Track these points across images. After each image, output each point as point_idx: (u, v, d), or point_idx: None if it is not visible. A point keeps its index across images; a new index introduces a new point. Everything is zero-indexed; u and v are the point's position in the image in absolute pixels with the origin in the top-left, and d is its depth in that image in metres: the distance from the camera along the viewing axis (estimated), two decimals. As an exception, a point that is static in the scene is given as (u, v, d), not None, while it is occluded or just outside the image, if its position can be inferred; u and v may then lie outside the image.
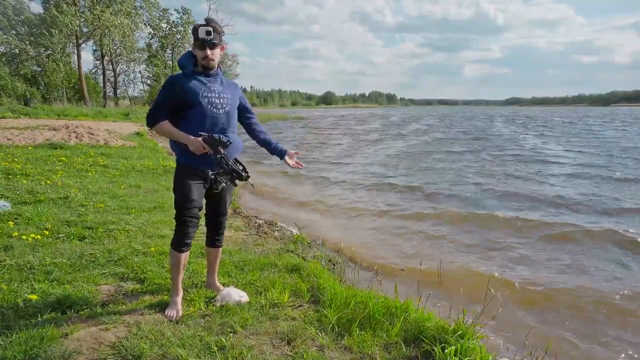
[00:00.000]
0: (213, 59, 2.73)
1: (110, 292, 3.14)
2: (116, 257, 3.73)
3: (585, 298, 4.08)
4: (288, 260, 3.98)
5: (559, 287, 4.31)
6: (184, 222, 2.72)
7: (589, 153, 15.38)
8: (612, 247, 5.46)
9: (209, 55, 2.70)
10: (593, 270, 4.75)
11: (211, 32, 2.64)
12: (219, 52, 2.77)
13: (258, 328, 2.71)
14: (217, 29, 2.70)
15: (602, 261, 5.02)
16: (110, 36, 34.61)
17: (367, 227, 6.35)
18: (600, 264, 4.92)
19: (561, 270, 4.75)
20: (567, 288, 4.29)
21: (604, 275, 4.62)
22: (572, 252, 5.31)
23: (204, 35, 2.64)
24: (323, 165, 12.94)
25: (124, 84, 45.77)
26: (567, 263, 4.95)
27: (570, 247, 5.46)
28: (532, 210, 7.25)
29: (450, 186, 9.46)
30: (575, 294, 4.16)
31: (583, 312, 3.86)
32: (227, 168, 2.56)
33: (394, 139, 22.69)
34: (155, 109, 2.71)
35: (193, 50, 2.75)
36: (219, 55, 2.79)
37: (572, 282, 4.40)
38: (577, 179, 10.25)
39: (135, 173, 8.14)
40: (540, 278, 4.49)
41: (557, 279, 4.50)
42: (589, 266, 4.86)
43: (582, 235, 5.86)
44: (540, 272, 4.69)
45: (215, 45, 2.71)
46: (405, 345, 2.59)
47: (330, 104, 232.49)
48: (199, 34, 2.63)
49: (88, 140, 11.90)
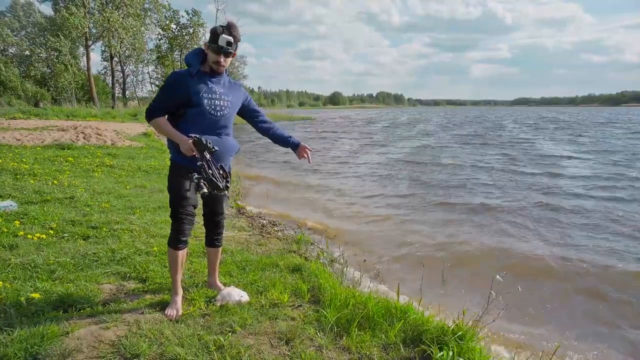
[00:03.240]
0: (224, 66, 2.75)
1: (112, 291, 3.17)
2: (119, 257, 3.76)
3: (594, 300, 4.05)
4: (290, 260, 3.98)
5: (566, 287, 4.27)
6: (179, 219, 2.73)
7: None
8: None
9: (222, 62, 2.71)
10: (601, 271, 4.69)
11: (232, 43, 2.65)
12: (230, 60, 2.78)
13: (257, 328, 2.71)
14: (237, 38, 2.70)
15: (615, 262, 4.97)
16: (120, 38, 34.91)
17: (372, 229, 6.33)
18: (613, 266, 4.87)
19: (565, 271, 4.70)
20: (573, 288, 4.26)
21: (614, 276, 4.57)
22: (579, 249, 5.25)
23: (224, 45, 2.63)
24: (330, 167, 12.93)
25: (132, 85, 46.25)
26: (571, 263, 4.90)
27: (577, 245, 5.40)
28: (542, 216, 7.16)
29: (459, 190, 9.40)
30: (584, 293, 4.13)
31: (593, 312, 3.82)
32: (206, 176, 2.52)
33: (405, 140, 22.62)
34: (155, 103, 2.71)
35: (205, 49, 2.74)
36: (229, 63, 2.81)
37: (580, 283, 4.36)
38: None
39: (141, 173, 8.21)
40: (547, 280, 4.45)
41: (564, 279, 4.46)
42: (597, 267, 4.80)
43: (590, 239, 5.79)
44: (546, 273, 4.65)
45: (230, 55, 2.72)
46: (404, 347, 2.58)
47: (338, 104, 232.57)
48: (220, 41, 2.62)
49: (95, 140, 12.01)
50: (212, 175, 2.55)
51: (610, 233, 6.08)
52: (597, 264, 4.88)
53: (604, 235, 5.98)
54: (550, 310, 3.90)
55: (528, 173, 11.28)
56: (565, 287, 4.35)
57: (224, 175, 2.69)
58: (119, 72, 42.93)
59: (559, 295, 4.19)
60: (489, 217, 6.85)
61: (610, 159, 14.00)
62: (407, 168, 12.20)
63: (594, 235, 5.95)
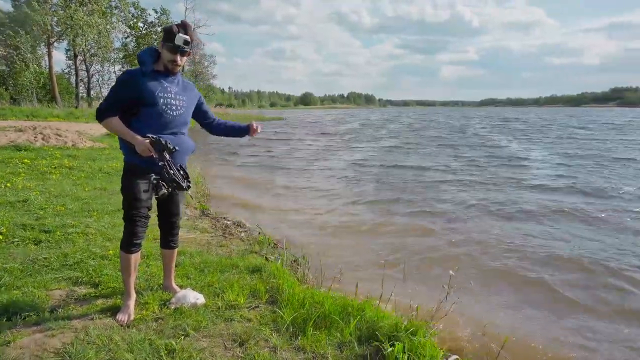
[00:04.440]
0: (180, 65, 2.71)
1: (62, 297, 3.05)
2: (72, 261, 3.63)
3: (545, 291, 4.20)
4: (250, 261, 3.94)
5: (517, 281, 4.41)
6: (132, 222, 2.67)
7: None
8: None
9: (179, 61, 2.67)
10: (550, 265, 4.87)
11: (189, 42, 2.60)
12: (185, 59, 2.74)
13: (212, 330, 2.67)
14: (193, 37, 2.66)
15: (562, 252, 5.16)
16: (85, 36, 33.76)
17: (336, 230, 6.33)
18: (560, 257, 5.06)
19: (516, 265, 4.85)
20: (523, 281, 4.40)
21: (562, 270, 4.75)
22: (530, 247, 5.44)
23: (181, 43, 2.59)
24: (296, 166, 12.91)
25: (98, 84, 44.85)
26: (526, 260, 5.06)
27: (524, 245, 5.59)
28: (497, 215, 7.35)
29: (425, 191, 9.56)
30: (534, 285, 4.27)
31: (541, 306, 3.95)
32: (168, 176, 2.49)
33: (372, 141, 22.83)
34: (106, 103, 2.62)
35: (160, 49, 2.68)
36: (184, 62, 2.76)
37: (530, 276, 4.51)
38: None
39: (102, 175, 7.97)
40: (497, 279, 4.58)
41: (515, 273, 4.60)
42: (545, 261, 4.98)
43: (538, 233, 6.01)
44: (497, 273, 4.78)
45: (186, 54, 2.68)
46: (359, 344, 2.60)
47: (309, 104, 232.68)
48: (177, 40, 2.57)
49: (55, 141, 11.58)
50: (174, 175, 2.51)
51: (555, 222, 6.42)
52: (544, 255, 5.11)
53: (554, 225, 6.24)
54: (502, 304, 4.01)
55: (487, 170, 11.60)
56: (517, 281, 4.49)
57: (185, 176, 2.65)
58: (84, 71, 41.52)
59: (512, 290, 4.31)
60: (452, 216, 6.99)
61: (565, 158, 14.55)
62: (373, 169, 12.26)
63: (544, 227, 6.18)
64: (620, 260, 4.95)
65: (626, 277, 4.53)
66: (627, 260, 4.96)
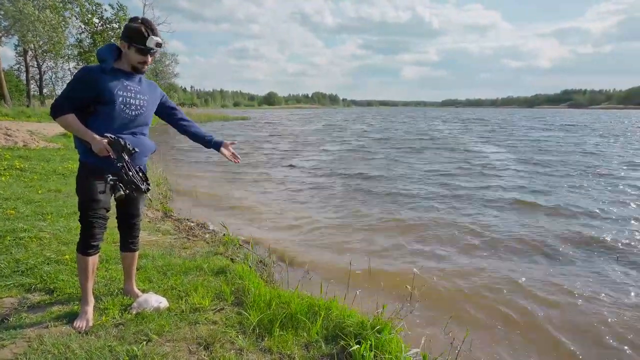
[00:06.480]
0: (148, 64, 2.63)
1: (14, 305, 2.89)
2: (24, 267, 3.45)
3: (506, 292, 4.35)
4: (215, 262, 3.88)
5: (475, 283, 4.55)
6: (89, 223, 2.56)
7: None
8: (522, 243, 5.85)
9: (149, 62, 2.61)
10: (510, 264, 5.06)
11: (161, 44, 2.54)
12: (152, 59, 2.66)
13: (175, 334, 2.61)
14: (161, 38, 2.59)
15: (519, 254, 5.37)
16: (36, 31, 32.10)
17: (300, 229, 6.33)
18: (517, 257, 5.27)
19: (479, 267, 5.02)
20: (483, 283, 4.55)
21: (523, 270, 4.94)
22: (492, 248, 5.63)
23: (154, 46, 2.51)
24: (261, 167, 12.81)
25: (51, 82, 42.84)
26: (486, 261, 5.24)
27: (487, 246, 5.79)
28: (462, 212, 7.60)
29: (387, 187, 9.70)
30: (491, 286, 4.42)
31: (500, 304, 4.10)
32: (126, 178, 2.41)
33: (335, 141, 22.96)
34: (62, 99, 2.49)
35: (124, 48, 2.57)
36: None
37: (490, 278, 4.67)
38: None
39: (56, 176, 7.61)
40: (459, 274, 4.71)
41: (475, 275, 4.75)
42: (506, 259, 5.18)
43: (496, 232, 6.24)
44: (460, 269, 4.92)
45: (154, 54, 2.60)
46: (326, 343, 2.61)
47: (273, 104, 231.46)
48: (149, 42, 2.49)
49: (4, 142, 10.95)
50: (133, 177, 2.42)
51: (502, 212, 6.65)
52: (514, 258, 5.28)
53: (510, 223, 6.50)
54: (463, 303, 4.12)
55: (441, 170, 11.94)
56: (476, 282, 4.62)
57: (144, 178, 2.57)
58: (35, 68, 39.54)
59: (474, 289, 4.44)
60: (415, 216, 7.14)
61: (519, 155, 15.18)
62: (338, 171, 12.30)
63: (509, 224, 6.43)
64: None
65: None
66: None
